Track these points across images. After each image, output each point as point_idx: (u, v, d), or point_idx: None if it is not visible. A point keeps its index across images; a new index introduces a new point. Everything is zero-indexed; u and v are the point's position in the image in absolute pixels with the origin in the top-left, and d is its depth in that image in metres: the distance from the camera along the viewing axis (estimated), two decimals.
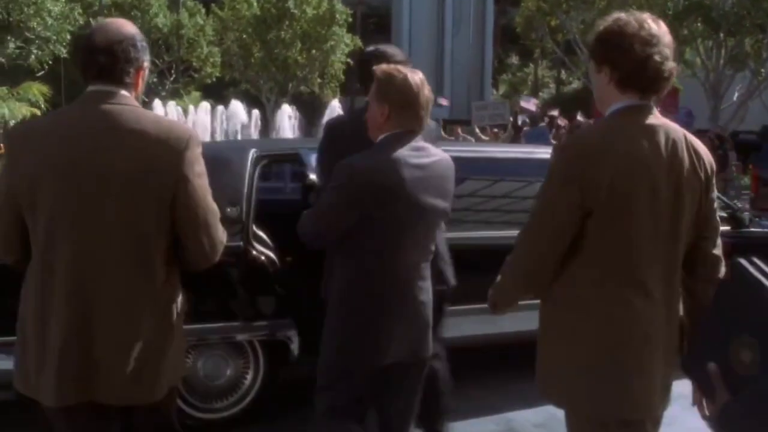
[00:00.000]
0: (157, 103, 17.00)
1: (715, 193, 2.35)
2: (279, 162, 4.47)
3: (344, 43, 27.88)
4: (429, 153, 2.90)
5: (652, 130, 2.20)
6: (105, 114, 2.30)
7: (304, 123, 20.45)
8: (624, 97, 2.21)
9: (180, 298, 2.45)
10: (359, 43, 28.70)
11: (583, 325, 2.20)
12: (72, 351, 2.26)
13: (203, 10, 28.02)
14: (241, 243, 4.05)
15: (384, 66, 2.93)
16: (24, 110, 17.07)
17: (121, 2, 26.32)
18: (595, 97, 2.34)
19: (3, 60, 20.70)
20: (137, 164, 2.27)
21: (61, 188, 2.26)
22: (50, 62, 22.14)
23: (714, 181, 2.32)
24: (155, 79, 27.28)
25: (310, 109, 25.78)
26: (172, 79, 27.96)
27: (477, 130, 16.69)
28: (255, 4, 26.97)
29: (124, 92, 2.34)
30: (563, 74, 45.09)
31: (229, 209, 4.04)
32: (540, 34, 30.89)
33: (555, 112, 19.03)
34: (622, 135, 2.17)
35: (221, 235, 2.46)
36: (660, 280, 2.21)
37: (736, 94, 24.16)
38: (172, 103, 17.87)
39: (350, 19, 28.67)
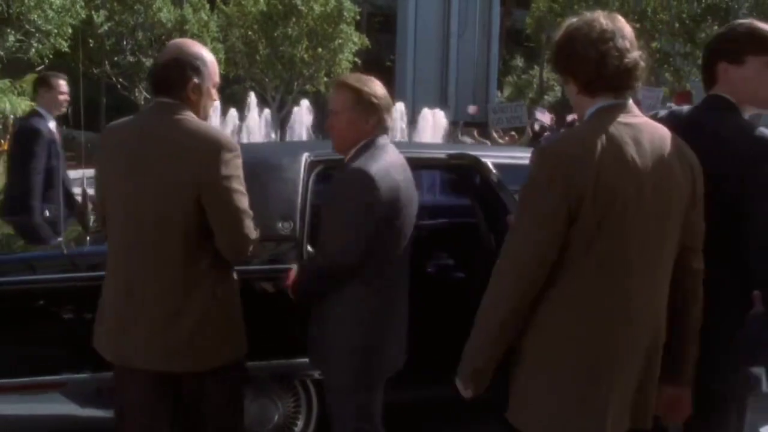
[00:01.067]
0: None
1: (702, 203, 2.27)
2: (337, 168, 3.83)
3: (352, 42, 27.28)
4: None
5: (633, 128, 2.13)
6: (152, 121, 2.75)
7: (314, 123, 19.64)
8: (596, 101, 2.16)
9: (229, 284, 2.78)
10: (367, 42, 28.15)
11: (565, 350, 2.12)
12: (119, 321, 2.72)
13: (208, 6, 27.36)
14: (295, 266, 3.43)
15: (352, 75, 2.99)
16: (24, 105, 16.41)
17: None
18: (573, 106, 2.30)
19: (2, 53, 20.10)
20: (171, 167, 2.63)
21: (117, 183, 2.73)
22: (51, 56, 21.52)
23: (702, 188, 2.25)
24: None
25: (314, 108, 25.17)
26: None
27: (494, 134, 16.16)
28: (261, 0, 26.37)
29: (177, 104, 2.71)
30: None
31: (280, 224, 3.43)
32: (548, 34, 30.43)
33: (573, 117, 18.50)
34: (602, 136, 2.09)
35: (249, 233, 2.72)
36: (646, 295, 2.14)
37: None
38: None
39: (358, 17, 28.08)
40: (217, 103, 19.31)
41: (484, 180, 3.53)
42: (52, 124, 5.38)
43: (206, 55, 2.80)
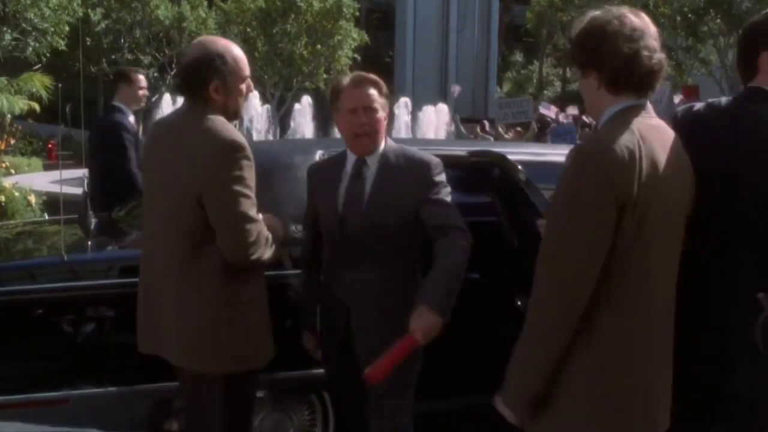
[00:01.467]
0: (166, 98, 16.07)
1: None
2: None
3: (351, 38, 27.03)
4: None
5: (658, 130, 2.07)
6: (174, 120, 2.82)
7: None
8: (619, 100, 2.07)
9: (246, 289, 2.68)
10: (366, 38, 27.91)
11: (600, 362, 2.01)
12: (142, 313, 2.81)
13: (206, 3, 27.10)
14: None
15: (362, 72, 3.00)
16: (21, 103, 16.17)
17: None
18: (585, 104, 2.20)
19: None
20: (179, 165, 2.63)
21: (145, 178, 2.89)
22: (48, 54, 21.30)
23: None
24: (156, 74, 26.40)
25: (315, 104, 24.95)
26: (173, 73, 27.01)
27: (501, 129, 16.02)
28: None
29: (198, 104, 2.68)
30: (568, 72, 44.55)
31: (293, 227, 3.23)
32: (549, 29, 30.26)
33: (575, 111, 18.34)
34: (638, 139, 1.99)
35: (247, 237, 2.61)
36: (668, 304, 2.10)
37: None
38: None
39: (357, 13, 27.84)
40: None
41: (510, 179, 3.33)
42: (131, 119, 5.38)
43: (230, 51, 2.71)
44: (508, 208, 3.62)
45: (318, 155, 3.42)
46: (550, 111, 17.63)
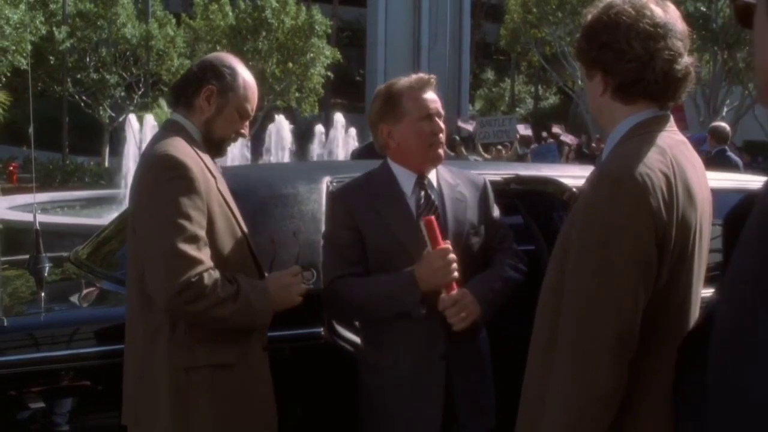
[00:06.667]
0: (132, 118, 15.41)
1: None
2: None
3: (324, 56, 26.54)
4: None
5: (687, 147, 1.82)
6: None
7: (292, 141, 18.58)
8: (634, 109, 1.79)
9: (211, 355, 2.15)
10: (338, 55, 27.47)
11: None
12: None
13: (174, 20, 26.52)
14: (322, 329, 2.59)
15: None
16: None
17: (86, 11, 24.63)
18: (591, 109, 1.93)
19: None
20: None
21: None
22: (9, 74, 20.57)
23: None
24: (122, 94, 25.72)
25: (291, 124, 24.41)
26: (140, 93, 26.32)
27: (480, 148, 15.55)
28: (230, 14, 25.55)
29: (175, 121, 2.33)
30: (540, 89, 44.66)
31: (302, 274, 2.59)
32: (523, 45, 30.15)
33: (558, 129, 17.93)
34: (670, 158, 1.73)
35: (177, 278, 2.05)
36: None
37: (725, 110, 24.10)
38: (150, 117, 16.15)
39: (329, 31, 27.39)
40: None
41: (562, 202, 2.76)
42: None
43: (245, 74, 2.36)
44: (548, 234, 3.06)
45: (326, 182, 2.80)
46: (567, 137, 16.93)
